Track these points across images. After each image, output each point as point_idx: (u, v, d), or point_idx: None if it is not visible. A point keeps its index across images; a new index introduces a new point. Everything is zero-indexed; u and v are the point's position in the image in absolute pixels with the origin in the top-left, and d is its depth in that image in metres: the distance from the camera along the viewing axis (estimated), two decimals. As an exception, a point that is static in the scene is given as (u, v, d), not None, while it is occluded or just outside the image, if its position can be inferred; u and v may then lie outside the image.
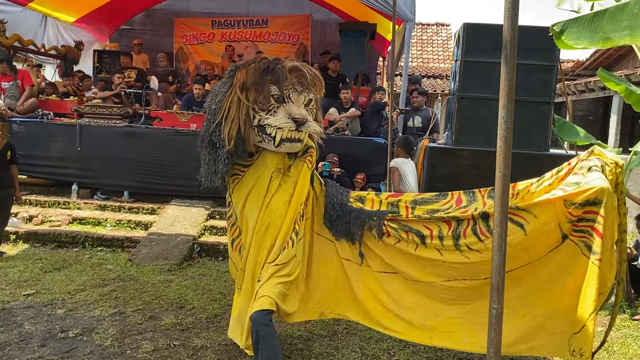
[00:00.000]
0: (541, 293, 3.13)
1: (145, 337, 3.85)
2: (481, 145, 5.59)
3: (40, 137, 7.55)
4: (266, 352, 3.00)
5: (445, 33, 22.32)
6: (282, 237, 3.19)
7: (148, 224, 6.73)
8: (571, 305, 3.06)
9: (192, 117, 7.63)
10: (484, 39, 5.59)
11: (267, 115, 3.14)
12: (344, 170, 7.02)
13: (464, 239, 3.13)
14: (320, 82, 3.38)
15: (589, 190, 2.86)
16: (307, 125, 3.17)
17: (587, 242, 2.95)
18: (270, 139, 3.14)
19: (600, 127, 15.29)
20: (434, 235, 3.21)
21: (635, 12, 3.88)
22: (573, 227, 2.98)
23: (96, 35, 11.89)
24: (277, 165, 3.25)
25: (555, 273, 3.09)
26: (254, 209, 3.25)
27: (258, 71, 3.16)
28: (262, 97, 3.13)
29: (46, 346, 3.62)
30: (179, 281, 5.14)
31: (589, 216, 2.92)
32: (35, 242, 6.22)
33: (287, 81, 3.17)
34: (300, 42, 11.64)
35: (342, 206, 3.43)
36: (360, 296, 3.44)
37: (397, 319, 3.36)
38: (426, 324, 3.31)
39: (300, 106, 3.20)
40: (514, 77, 2.09)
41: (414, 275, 3.31)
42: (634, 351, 4.07)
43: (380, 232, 3.34)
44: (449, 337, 3.27)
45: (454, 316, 3.28)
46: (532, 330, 3.17)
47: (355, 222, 3.37)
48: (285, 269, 3.17)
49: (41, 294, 4.57)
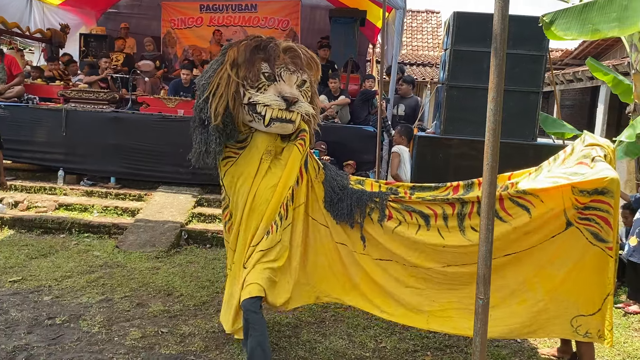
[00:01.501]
0: (542, 278, 3.15)
1: (132, 324, 3.85)
2: (470, 135, 5.62)
3: (25, 122, 7.44)
4: (256, 339, 3.02)
5: (435, 20, 22.26)
6: (266, 221, 3.18)
7: (135, 210, 6.69)
8: (574, 289, 3.11)
9: (180, 102, 7.57)
10: (473, 28, 5.58)
11: (257, 92, 3.10)
12: (333, 158, 7.02)
13: (469, 220, 3.14)
14: (317, 64, 3.34)
15: (600, 180, 2.90)
16: (298, 105, 3.12)
17: (593, 230, 2.99)
18: (260, 118, 3.10)
19: (587, 116, 15.41)
20: (438, 215, 3.20)
21: (624, 4, 3.90)
22: (579, 214, 3.00)
23: (83, 19, 11.71)
24: (268, 147, 3.22)
25: (557, 258, 3.11)
26: (244, 192, 3.24)
27: (249, 48, 3.12)
28: (252, 74, 3.09)
29: (32, 333, 3.60)
30: (166, 268, 5.14)
31: (595, 205, 2.96)
32: (21, 228, 6.16)
33: (280, 60, 3.13)
34: (289, 28, 11.55)
35: (343, 189, 3.39)
36: (357, 280, 3.42)
37: (395, 303, 3.36)
38: (423, 309, 3.32)
39: (292, 86, 3.16)
40: (503, 70, 2.09)
41: (413, 261, 3.29)
42: (616, 339, 4.14)
43: (383, 214, 3.29)
44: (446, 322, 3.28)
45: (450, 301, 3.29)
46: (532, 315, 3.18)
47: (358, 204, 3.33)
48: (271, 254, 3.17)
49: (27, 281, 4.54)
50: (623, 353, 3.91)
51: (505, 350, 3.78)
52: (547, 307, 3.16)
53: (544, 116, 6.09)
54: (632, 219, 5.06)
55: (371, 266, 3.40)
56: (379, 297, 3.39)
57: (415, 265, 3.29)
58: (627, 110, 6.03)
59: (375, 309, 3.40)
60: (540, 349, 3.82)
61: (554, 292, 3.13)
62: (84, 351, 3.40)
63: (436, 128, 6.22)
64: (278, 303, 3.21)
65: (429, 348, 3.74)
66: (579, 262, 3.06)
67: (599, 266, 3.02)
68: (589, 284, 3.06)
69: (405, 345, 3.75)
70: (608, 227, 2.95)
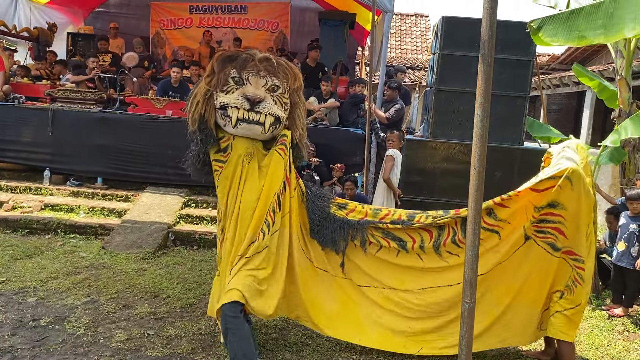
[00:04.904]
0: (508, 290, 3.36)
1: (118, 326, 3.82)
2: (458, 138, 5.65)
3: (11, 121, 7.37)
4: (235, 344, 3.08)
5: (424, 24, 22.35)
6: (252, 230, 3.24)
7: (122, 211, 6.65)
8: (539, 297, 3.38)
9: (168, 103, 7.52)
10: (462, 32, 5.61)
11: (225, 95, 3.25)
12: (322, 160, 7.02)
13: (443, 247, 3.34)
14: (295, 74, 3.41)
15: (558, 173, 3.12)
16: (262, 105, 3.22)
17: (549, 241, 3.26)
18: (229, 120, 3.23)
19: (573, 120, 15.56)
20: (416, 242, 3.38)
21: (610, 11, 3.95)
22: (534, 227, 3.25)
23: (70, 18, 11.60)
24: (247, 149, 3.32)
25: (519, 271, 3.34)
26: (231, 200, 3.32)
27: (222, 57, 3.34)
28: (222, 79, 3.27)
29: (17, 335, 3.56)
30: (153, 270, 5.11)
31: (548, 217, 3.22)
32: (5, 228, 6.09)
33: (250, 66, 3.26)
34: (279, 30, 11.55)
35: (324, 217, 3.49)
36: (335, 306, 3.52)
37: (372, 328, 3.49)
38: (401, 334, 3.48)
39: (258, 88, 3.26)
40: (490, 76, 2.12)
41: (391, 283, 3.46)
42: (600, 341, 4.20)
43: (364, 241, 3.45)
44: (422, 344, 3.46)
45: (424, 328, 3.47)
46: (501, 326, 3.41)
47: (340, 232, 3.46)
48: (255, 261, 3.20)
49: (12, 282, 4.49)
50: (607, 356, 3.95)
51: (491, 352, 3.80)
52: (513, 318, 3.38)
53: (530, 121, 6.15)
54: (617, 224, 5.11)
55: (349, 292, 3.53)
56: (354, 325, 3.50)
57: (393, 287, 3.45)
58: (612, 115, 6.09)
59: (353, 337, 3.52)
60: (525, 351, 3.85)
61: (520, 303, 3.36)
62: (69, 353, 3.37)
63: (424, 131, 6.25)
64: (268, 313, 3.23)
65: (415, 351, 3.75)
66: (540, 272, 3.31)
67: (562, 273, 3.30)
68: (551, 290, 3.35)
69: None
70: (562, 237, 3.23)
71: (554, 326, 3.34)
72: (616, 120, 5.87)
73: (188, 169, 3.46)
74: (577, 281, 3.27)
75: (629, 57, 5.82)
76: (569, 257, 3.27)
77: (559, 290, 3.31)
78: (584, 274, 3.27)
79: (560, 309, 3.31)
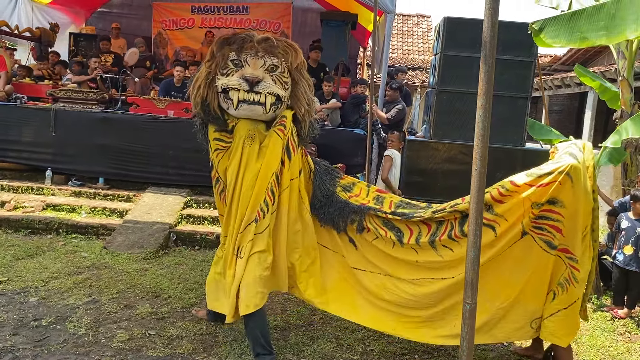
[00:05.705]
0: (502, 286, 3.33)
1: (120, 326, 3.82)
2: (459, 139, 5.66)
3: (13, 121, 7.37)
4: (257, 330, 3.36)
5: (425, 25, 22.35)
6: (251, 208, 3.31)
7: (124, 211, 6.65)
8: (533, 295, 3.33)
9: (170, 103, 7.53)
10: (464, 33, 5.62)
11: (225, 78, 3.30)
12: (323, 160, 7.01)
13: (439, 241, 3.31)
14: (294, 50, 3.43)
15: (558, 169, 3.09)
16: (261, 85, 3.26)
17: (546, 239, 3.21)
18: (230, 103, 3.29)
19: (575, 121, 15.55)
20: (412, 235, 3.36)
21: (612, 12, 3.95)
22: (532, 223, 3.21)
23: (72, 18, 11.61)
24: (249, 131, 3.37)
25: (514, 267, 3.31)
26: (232, 179, 3.40)
27: (221, 40, 3.39)
28: (222, 63, 3.33)
29: (18, 335, 3.57)
30: (154, 270, 5.11)
31: (547, 214, 3.18)
32: (7, 228, 6.10)
33: (248, 47, 3.31)
34: (281, 31, 11.54)
35: (327, 197, 3.54)
36: (331, 284, 3.55)
37: (364, 306, 3.52)
38: (391, 316, 3.48)
39: (257, 69, 3.30)
40: (492, 77, 2.12)
41: (386, 269, 3.47)
42: (602, 343, 4.19)
43: (361, 228, 3.47)
44: (412, 331, 3.46)
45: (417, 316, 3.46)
46: (493, 321, 3.37)
47: (340, 215, 3.50)
48: (261, 243, 3.28)
49: (13, 282, 4.49)
50: (608, 357, 3.95)
51: (492, 353, 3.81)
52: (506, 314, 3.35)
53: (531, 122, 6.14)
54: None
55: (347, 272, 3.56)
56: (350, 301, 3.53)
57: (389, 274, 3.45)
58: (614, 116, 6.09)
59: (345, 312, 3.53)
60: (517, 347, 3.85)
61: (514, 299, 3.33)
62: (70, 353, 3.38)
63: (426, 132, 6.25)
64: (283, 290, 3.51)
65: (416, 351, 3.76)
66: (536, 270, 3.28)
67: (557, 271, 3.27)
68: (546, 288, 3.32)
69: (393, 349, 3.77)
70: (560, 235, 3.19)
71: (547, 329, 3.31)
72: (618, 121, 5.87)
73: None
74: (571, 281, 3.23)
75: (631, 58, 5.82)
76: (565, 255, 3.23)
77: (552, 291, 3.29)
78: (579, 275, 3.23)
79: (553, 312, 3.28)
